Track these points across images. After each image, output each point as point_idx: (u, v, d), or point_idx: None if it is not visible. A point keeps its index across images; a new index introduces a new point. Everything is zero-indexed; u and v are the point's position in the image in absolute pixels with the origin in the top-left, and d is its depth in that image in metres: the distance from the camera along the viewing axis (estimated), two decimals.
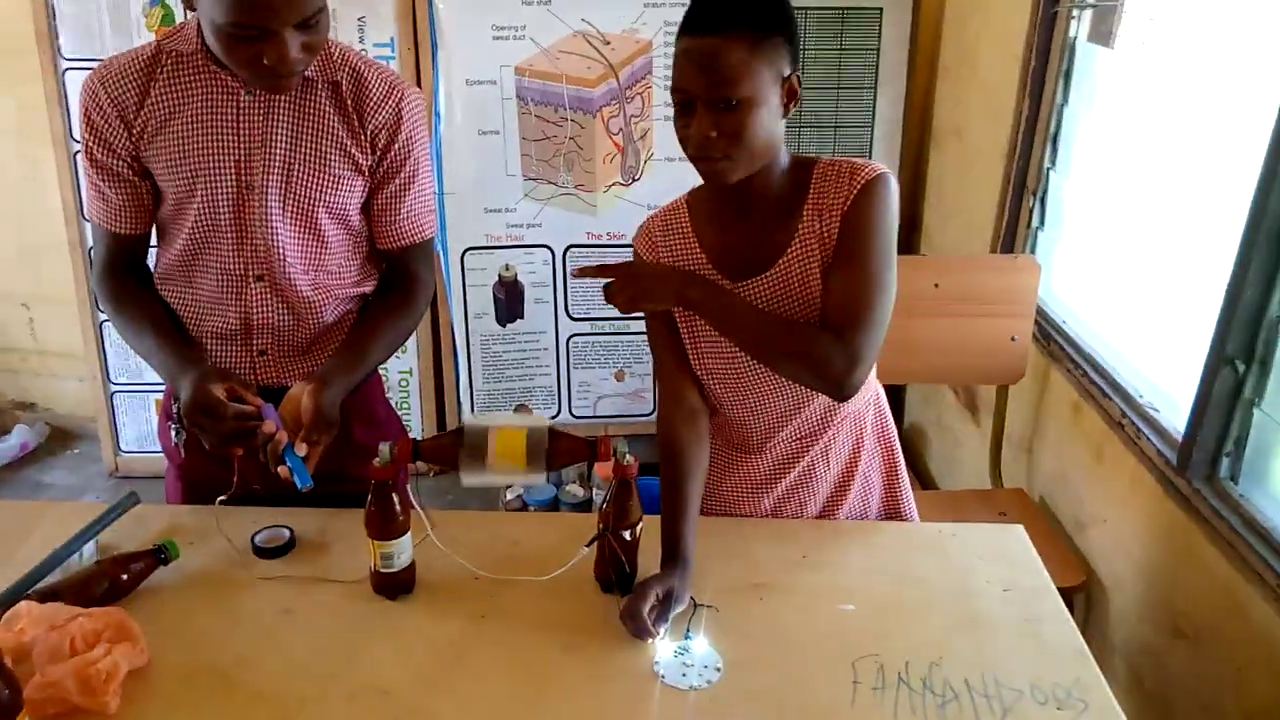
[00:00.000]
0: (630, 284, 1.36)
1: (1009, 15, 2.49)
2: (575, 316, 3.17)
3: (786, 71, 1.27)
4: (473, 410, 3.22)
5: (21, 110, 3.08)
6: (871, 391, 1.57)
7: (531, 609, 1.35)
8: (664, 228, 1.46)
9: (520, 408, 3.23)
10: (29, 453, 3.48)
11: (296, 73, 1.35)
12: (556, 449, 1.30)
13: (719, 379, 1.48)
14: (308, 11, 1.28)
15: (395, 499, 1.31)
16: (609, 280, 1.36)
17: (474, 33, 2.87)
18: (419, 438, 1.36)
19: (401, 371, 3.19)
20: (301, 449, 1.35)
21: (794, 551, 1.48)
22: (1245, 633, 1.57)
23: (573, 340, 3.20)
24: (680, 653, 1.26)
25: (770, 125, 1.28)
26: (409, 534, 1.34)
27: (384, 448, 1.29)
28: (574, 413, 3.27)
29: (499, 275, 3.11)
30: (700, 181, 1.37)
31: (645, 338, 1.54)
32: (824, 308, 1.35)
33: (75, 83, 2.92)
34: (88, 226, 3.07)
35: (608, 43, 2.89)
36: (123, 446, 3.32)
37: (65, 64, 2.91)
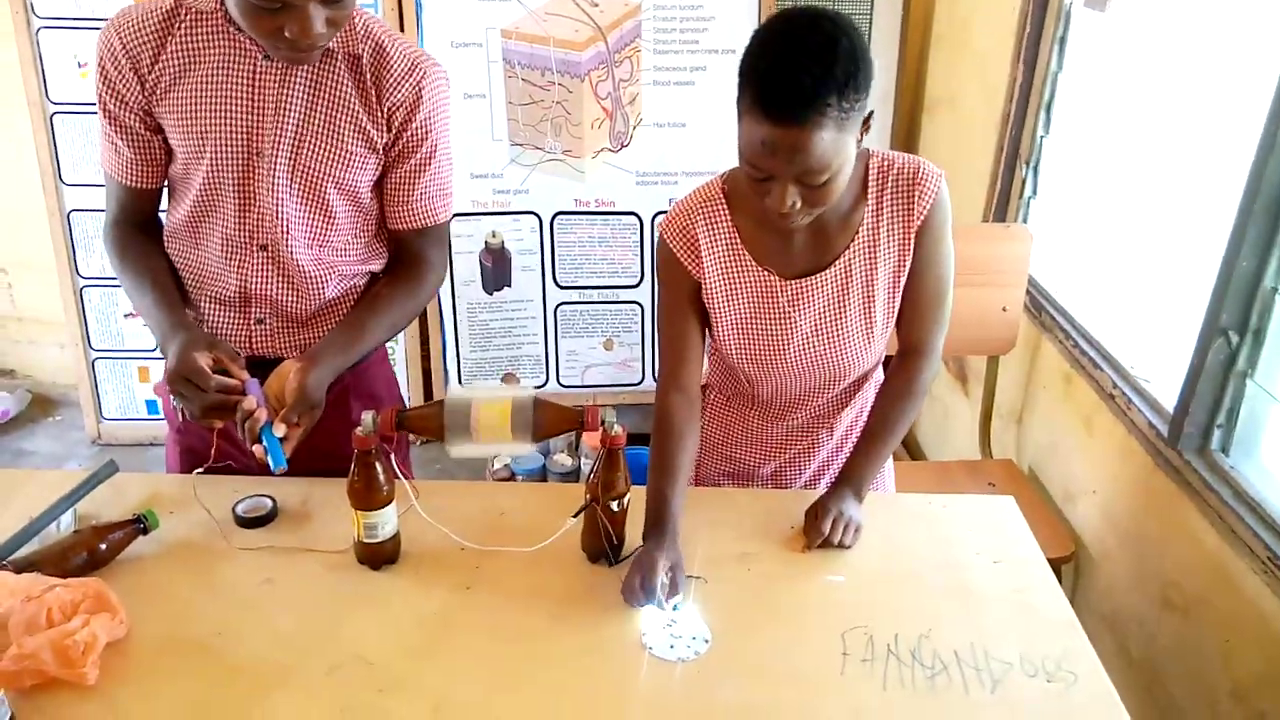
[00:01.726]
0: (843, 522, 1.39)
1: None
2: (563, 285, 3.14)
3: (866, 113, 1.22)
4: (460, 380, 3.19)
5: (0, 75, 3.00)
6: (878, 370, 1.59)
7: (518, 580, 1.33)
8: (700, 219, 1.41)
9: (508, 377, 3.20)
10: (9, 420, 3.44)
11: (318, 47, 1.31)
12: (542, 419, 1.27)
13: (755, 362, 1.47)
14: None
15: (379, 469, 1.29)
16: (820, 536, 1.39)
17: None
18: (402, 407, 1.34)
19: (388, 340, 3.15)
20: (280, 429, 1.31)
21: (782, 522, 1.46)
22: (1234, 605, 1.57)
23: (561, 309, 3.17)
24: (669, 625, 1.24)
25: (850, 171, 1.24)
26: (393, 504, 1.32)
27: (367, 417, 1.27)
28: (562, 382, 3.25)
29: (485, 242, 3.07)
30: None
31: (633, 307, 1.52)
32: (905, 316, 1.44)
33: (50, 43, 2.86)
34: (66, 191, 3.02)
35: (596, 4, 2.84)
36: (105, 414, 3.28)
37: (39, 23, 2.83)
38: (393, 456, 1.32)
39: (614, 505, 1.31)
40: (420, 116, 1.45)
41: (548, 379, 3.24)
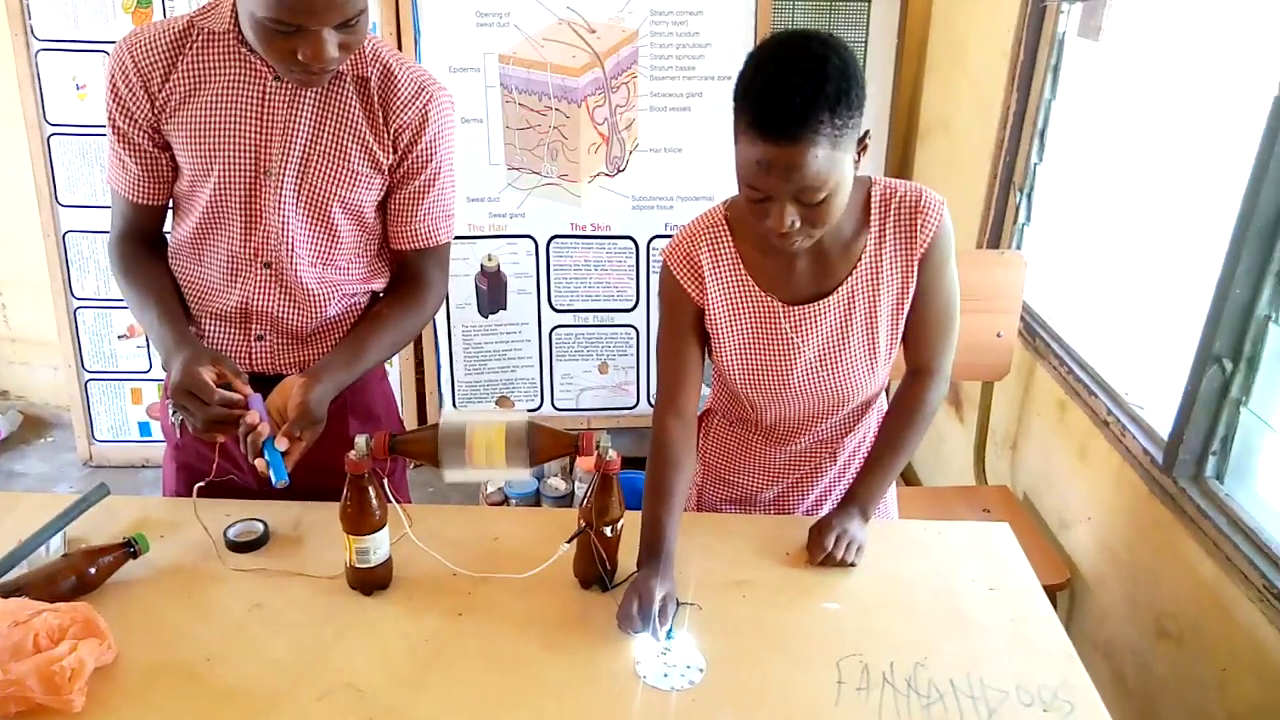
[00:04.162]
0: (847, 539, 1.41)
1: (998, 9, 2.48)
2: (558, 308, 3.14)
3: (861, 133, 1.23)
4: (454, 403, 3.19)
5: None
6: (881, 396, 1.59)
7: (510, 606, 1.32)
8: (704, 245, 1.41)
9: (502, 400, 3.19)
10: (1, 441, 3.42)
11: (330, 70, 1.32)
12: (537, 444, 1.27)
13: (758, 388, 1.48)
14: (349, 13, 1.25)
15: (372, 493, 1.28)
16: (823, 552, 1.40)
17: (457, 19, 2.83)
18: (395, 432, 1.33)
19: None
20: (283, 443, 1.31)
21: (777, 548, 1.46)
22: (1230, 633, 1.56)
23: (556, 332, 3.17)
24: (663, 653, 1.23)
25: (848, 191, 1.25)
26: (386, 529, 1.32)
27: (360, 441, 1.26)
28: (556, 405, 3.24)
29: (481, 265, 3.07)
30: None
31: (628, 330, 1.52)
32: (911, 341, 1.45)
33: (48, 65, 2.87)
34: (62, 212, 3.02)
35: (593, 31, 2.86)
36: (97, 435, 3.27)
37: (38, 45, 2.84)
38: (386, 482, 1.31)
39: (608, 531, 1.30)
40: (426, 138, 1.46)
41: (542, 402, 3.24)
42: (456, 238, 2.97)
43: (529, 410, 3.21)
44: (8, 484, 3.23)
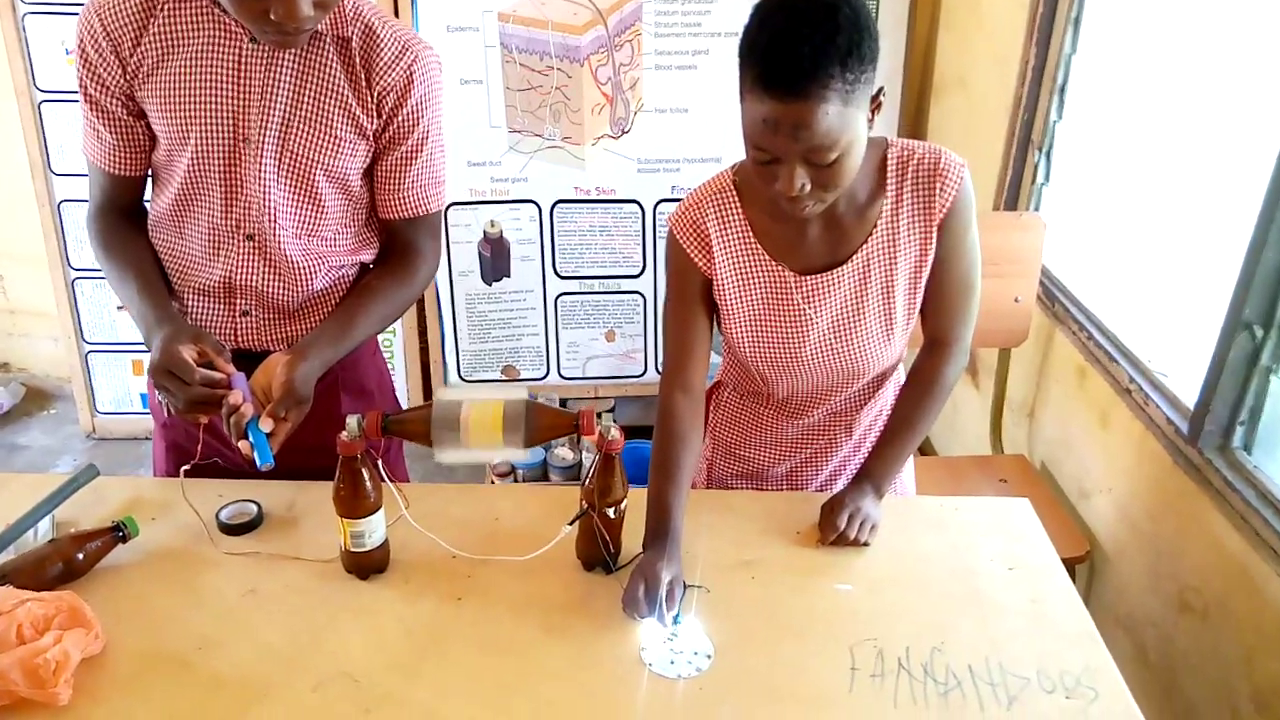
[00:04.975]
0: (860, 518, 1.36)
1: None
2: (563, 275, 3.08)
3: (874, 90, 1.16)
4: (460, 373, 3.14)
5: None
6: (899, 368, 1.53)
7: (511, 589, 1.28)
8: (711, 212, 1.35)
9: (508, 369, 3.14)
10: (4, 414, 3.40)
11: (305, 30, 1.25)
12: (535, 423, 1.22)
13: (769, 361, 1.42)
14: None
15: (366, 475, 1.23)
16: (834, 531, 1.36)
17: None
18: (389, 410, 1.28)
19: (386, 331, 3.08)
20: (267, 424, 1.26)
21: (787, 526, 1.41)
22: (1257, 609, 1.51)
23: (561, 299, 3.11)
24: (669, 639, 1.19)
25: (862, 152, 1.18)
26: (381, 511, 1.27)
27: (351, 421, 1.21)
28: (563, 374, 3.19)
29: (484, 232, 3.00)
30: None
31: (635, 297, 1.47)
32: (930, 310, 1.39)
33: (36, 29, 2.79)
34: (55, 181, 2.96)
35: None
36: (99, 407, 3.23)
37: (25, 9, 2.77)
38: (380, 463, 1.26)
39: (610, 512, 1.25)
40: (411, 101, 1.39)
41: (548, 371, 3.18)
42: (457, 204, 2.95)
43: (535, 380, 3.16)
44: (11, 457, 3.21)
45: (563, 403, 3.16)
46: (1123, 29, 2.10)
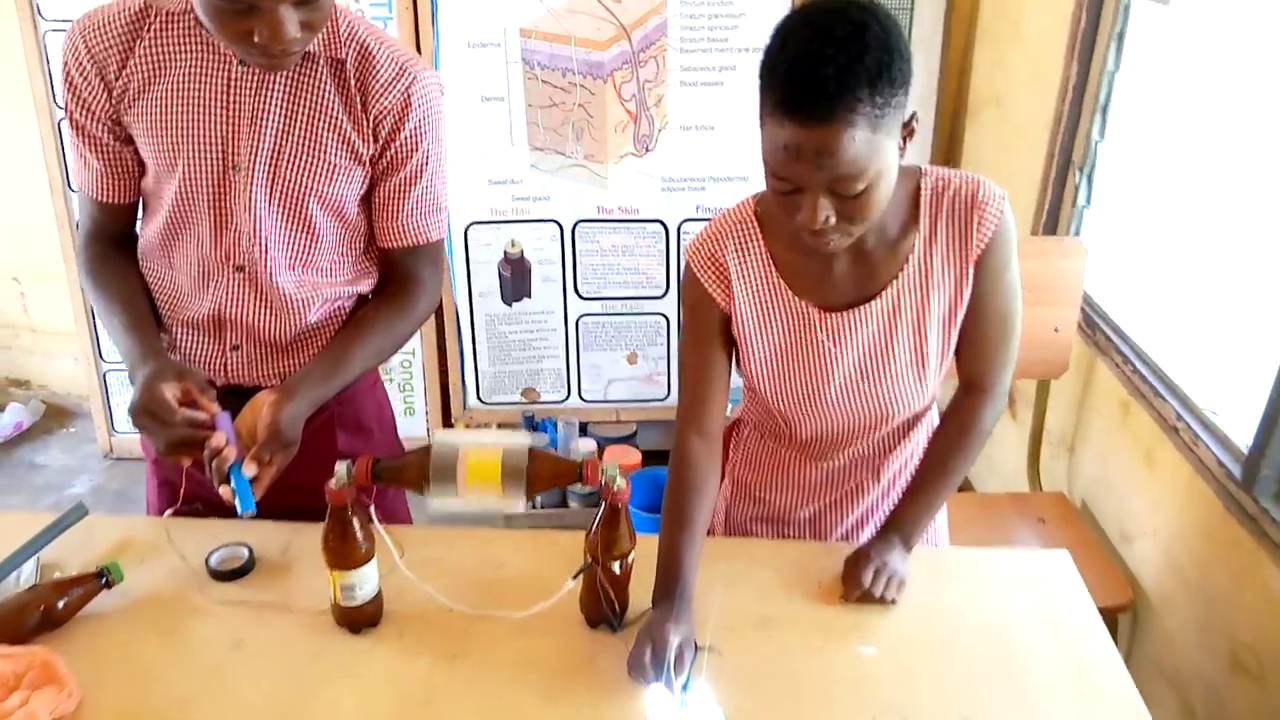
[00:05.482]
0: (886, 574, 1.26)
1: None
2: (585, 296, 3.00)
3: (906, 117, 1.08)
4: (479, 395, 3.07)
5: (3, 77, 2.92)
6: (933, 408, 1.44)
7: (510, 647, 1.20)
8: (730, 244, 1.26)
9: (527, 391, 3.07)
10: (24, 432, 3.38)
11: (292, 52, 1.19)
12: (536, 472, 1.14)
13: (791, 402, 1.34)
14: None
15: (356, 524, 1.16)
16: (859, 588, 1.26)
17: None
18: (384, 452, 1.21)
19: (404, 353, 3.04)
20: (250, 469, 1.20)
21: (808, 579, 1.32)
22: None
23: (583, 320, 3.03)
24: (678, 706, 1.10)
25: (893, 182, 1.09)
26: (373, 562, 1.20)
27: (340, 467, 1.14)
28: (584, 396, 3.12)
29: (504, 252, 2.94)
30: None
31: (658, 319, 1.39)
32: (966, 352, 1.30)
33: (57, 45, 2.77)
34: (74, 197, 2.93)
35: (619, 1, 2.69)
36: (117, 427, 3.21)
37: (45, 25, 2.75)
38: (374, 508, 1.19)
39: (615, 566, 1.17)
40: (410, 125, 1.32)
41: (569, 393, 3.11)
42: (478, 223, 2.89)
43: (556, 403, 3.09)
44: (29, 476, 3.19)
45: (583, 427, 3.09)
46: (1171, 44, 1.99)
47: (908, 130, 1.09)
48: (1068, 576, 1.34)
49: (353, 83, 1.29)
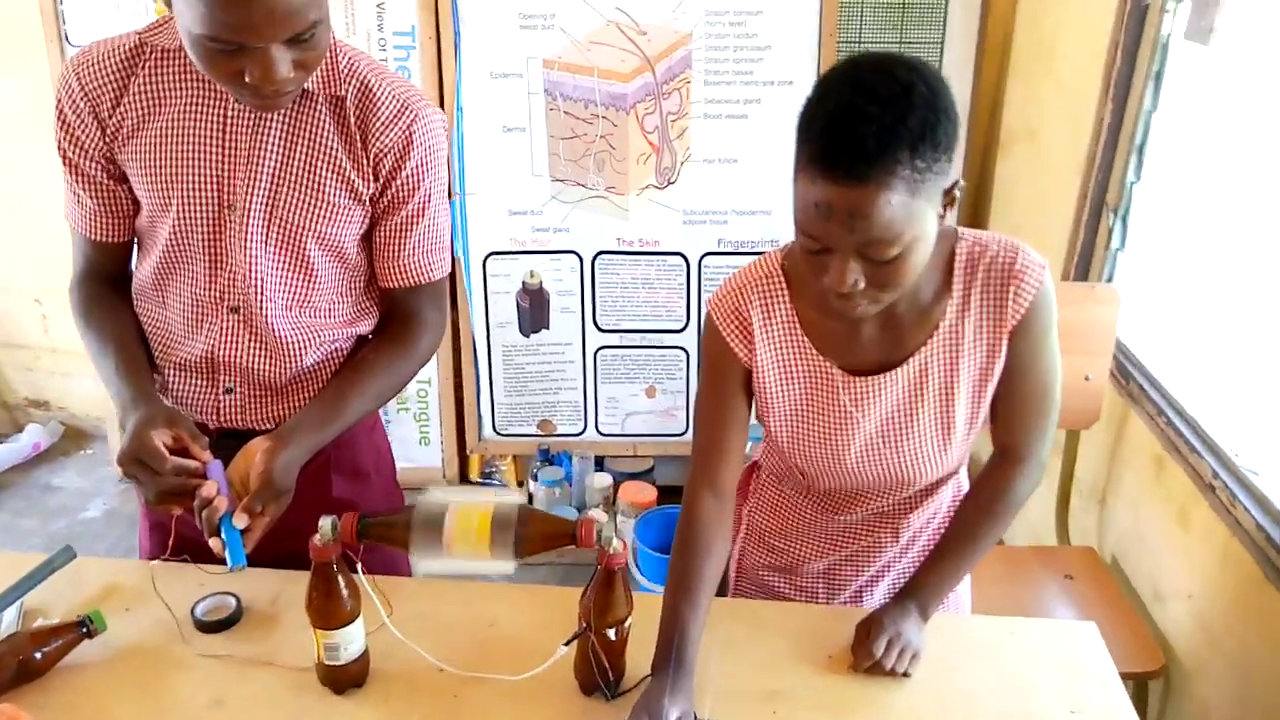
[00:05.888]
0: (899, 645, 1.19)
1: (1091, 6, 2.21)
2: (604, 328, 2.96)
3: (948, 184, 1.03)
4: (494, 426, 3.03)
5: (31, 98, 2.93)
6: (962, 470, 1.38)
7: (501, 713, 1.15)
8: (755, 299, 1.21)
9: (544, 424, 3.02)
10: (42, 453, 3.37)
11: (287, 92, 1.15)
12: (528, 532, 1.09)
13: (810, 460, 1.29)
14: (299, 26, 1.07)
15: (341, 581, 1.11)
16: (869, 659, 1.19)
17: (499, 21, 2.66)
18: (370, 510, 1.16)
19: (420, 382, 3.00)
20: (241, 520, 1.15)
21: (817, 647, 1.25)
22: None
23: (601, 353, 2.98)
24: None
25: (929, 251, 1.04)
26: (359, 620, 1.15)
27: (325, 523, 1.09)
28: (601, 430, 3.06)
29: (523, 282, 2.90)
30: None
31: (677, 353, 1.34)
32: (1002, 421, 1.25)
33: None
34: None
35: (643, 33, 2.66)
36: None
37: (72, 50, 2.76)
38: (360, 565, 1.14)
39: (611, 633, 1.11)
40: (411, 164, 1.28)
41: (586, 426, 3.06)
42: (497, 253, 2.85)
43: (572, 435, 3.04)
44: (44, 498, 3.18)
45: (599, 461, 3.03)
46: (1212, 85, 1.92)
47: (949, 198, 1.03)
48: (1095, 652, 1.26)
49: (353, 120, 1.25)
